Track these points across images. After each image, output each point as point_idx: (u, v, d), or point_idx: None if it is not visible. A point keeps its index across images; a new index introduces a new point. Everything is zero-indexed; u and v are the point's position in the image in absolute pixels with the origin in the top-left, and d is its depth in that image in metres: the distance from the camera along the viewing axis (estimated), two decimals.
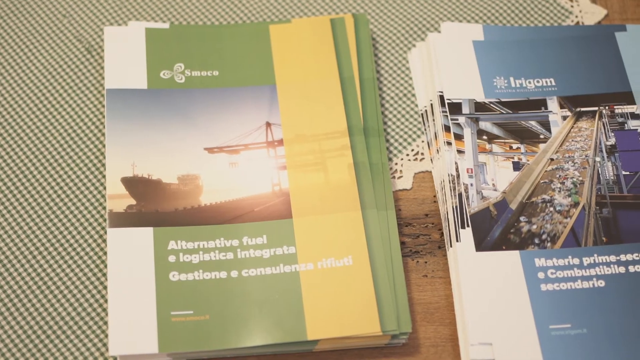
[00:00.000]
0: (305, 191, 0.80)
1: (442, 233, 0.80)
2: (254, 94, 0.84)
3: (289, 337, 0.73)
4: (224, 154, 0.82)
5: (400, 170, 0.84)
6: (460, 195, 0.79)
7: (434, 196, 0.82)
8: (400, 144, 0.85)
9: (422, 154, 0.84)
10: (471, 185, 0.80)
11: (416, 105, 0.87)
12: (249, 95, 0.84)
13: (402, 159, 0.84)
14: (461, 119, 0.83)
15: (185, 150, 0.81)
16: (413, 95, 0.87)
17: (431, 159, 0.84)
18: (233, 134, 0.82)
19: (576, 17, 0.92)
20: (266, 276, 0.76)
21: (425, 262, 0.79)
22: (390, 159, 0.84)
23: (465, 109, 0.84)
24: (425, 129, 0.85)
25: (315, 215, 0.79)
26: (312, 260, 0.77)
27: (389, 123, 0.86)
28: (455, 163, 0.81)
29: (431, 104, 0.85)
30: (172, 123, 0.82)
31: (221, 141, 0.82)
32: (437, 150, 0.83)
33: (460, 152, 0.82)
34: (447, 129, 0.83)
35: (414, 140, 0.85)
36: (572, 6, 0.92)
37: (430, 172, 0.84)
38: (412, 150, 0.85)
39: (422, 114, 0.86)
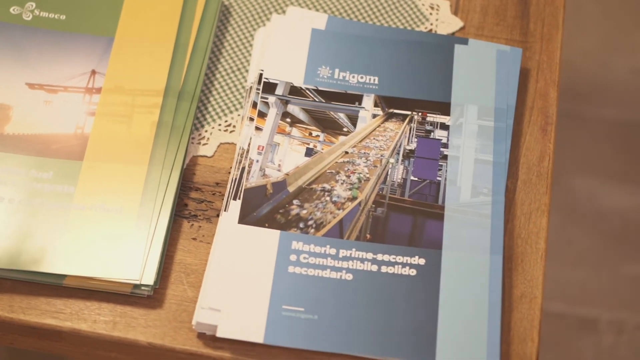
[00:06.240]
0: (103, 139, 0.84)
1: None
2: (92, 42, 0.89)
3: (38, 267, 0.78)
4: (42, 92, 0.86)
5: (208, 138, 0.87)
6: (243, 168, 0.82)
7: (231, 167, 0.85)
8: (217, 113, 0.88)
9: (234, 126, 0.87)
10: (257, 161, 0.83)
11: (246, 81, 0.90)
12: (86, 42, 0.89)
13: (213, 128, 0.87)
14: (271, 99, 0.86)
15: (7, 81, 0.86)
16: (247, 70, 0.90)
17: (239, 133, 0.87)
18: (58, 75, 0.87)
19: (431, 24, 0.93)
20: (39, 209, 0.80)
21: (199, 227, 0.83)
22: (202, 126, 0.87)
23: (279, 91, 0.86)
24: (244, 104, 0.88)
25: (104, 162, 0.83)
26: (86, 203, 0.81)
27: (214, 93, 0.89)
28: (250, 139, 0.84)
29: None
30: (5, 55, 0.87)
31: (44, 80, 0.87)
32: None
33: (258, 129, 0.84)
34: (256, 105, 0.85)
35: (230, 112, 0.88)
36: (430, 13, 0.93)
37: (235, 144, 0.87)
38: (226, 121, 0.88)
39: (247, 90, 0.89)
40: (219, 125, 0.88)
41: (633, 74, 1.83)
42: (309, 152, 0.84)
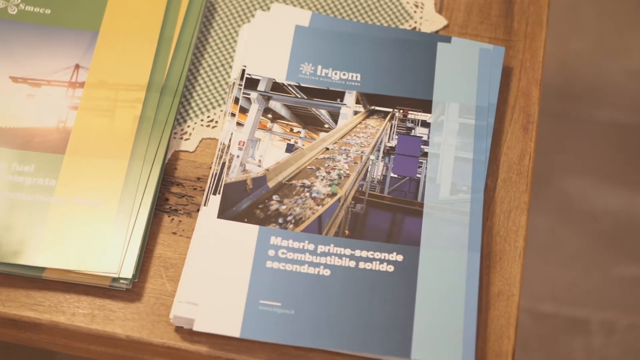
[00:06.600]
0: (85, 133, 0.84)
1: None
2: (76, 36, 0.89)
3: (18, 259, 0.78)
4: (26, 85, 0.87)
5: (190, 133, 0.87)
6: (223, 164, 0.83)
7: (212, 163, 0.86)
8: (200, 109, 0.88)
9: (217, 122, 0.88)
10: (237, 157, 0.83)
11: (229, 77, 0.90)
12: (70, 37, 0.89)
13: (196, 123, 0.88)
14: (253, 95, 0.86)
15: None
16: (231, 66, 0.91)
17: (221, 128, 0.87)
18: (42, 69, 0.87)
19: (415, 22, 0.93)
20: (20, 202, 0.81)
21: (180, 221, 0.83)
22: (185, 121, 0.88)
23: (261, 87, 0.87)
24: (226, 100, 0.89)
25: (86, 157, 0.83)
26: (66, 196, 0.81)
27: (197, 88, 0.89)
28: (231, 134, 0.84)
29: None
30: None
31: (28, 73, 0.87)
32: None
33: (239, 124, 0.85)
34: (237, 101, 0.86)
35: (213, 107, 0.88)
36: (415, 11, 0.94)
37: (217, 139, 0.87)
38: (209, 117, 0.88)
39: (230, 85, 0.89)
40: (202, 120, 0.88)
41: (627, 76, 1.84)
42: (290, 148, 0.84)
